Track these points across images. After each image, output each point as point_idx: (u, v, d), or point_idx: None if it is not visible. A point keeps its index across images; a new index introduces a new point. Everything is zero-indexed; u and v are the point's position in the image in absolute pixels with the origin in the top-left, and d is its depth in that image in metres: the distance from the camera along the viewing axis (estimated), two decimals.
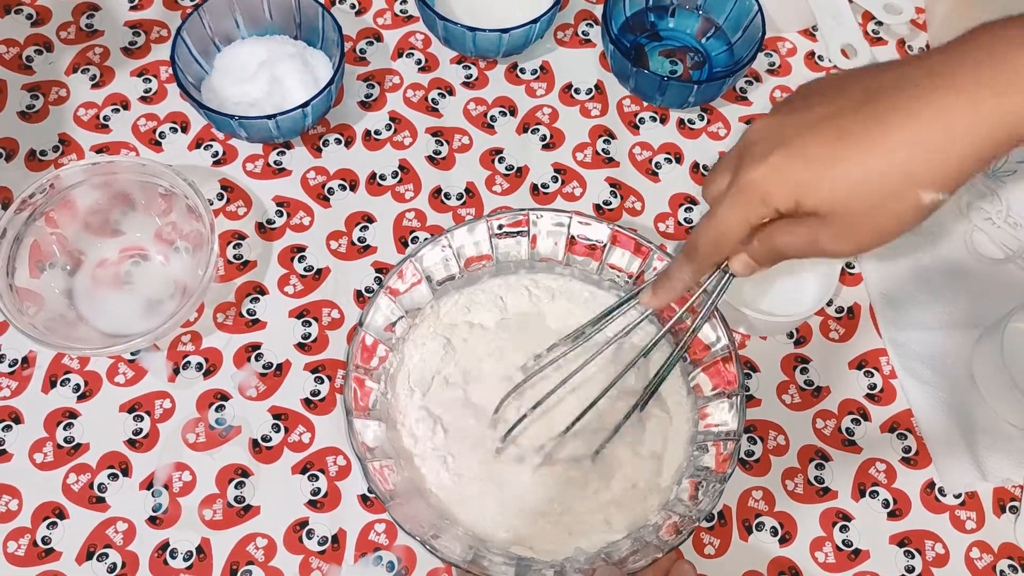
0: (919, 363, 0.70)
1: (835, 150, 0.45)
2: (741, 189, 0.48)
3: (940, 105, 0.43)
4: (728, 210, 0.49)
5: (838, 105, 0.46)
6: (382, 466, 0.59)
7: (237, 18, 0.78)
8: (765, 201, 0.47)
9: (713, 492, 0.58)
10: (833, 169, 0.45)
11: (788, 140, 0.46)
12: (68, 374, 0.68)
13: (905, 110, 0.44)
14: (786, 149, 0.46)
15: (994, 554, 0.65)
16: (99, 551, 0.63)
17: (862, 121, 0.45)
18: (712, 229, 0.50)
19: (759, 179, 0.47)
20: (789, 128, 0.47)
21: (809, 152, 0.46)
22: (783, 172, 0.46)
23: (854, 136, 0.45)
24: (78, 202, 0.70)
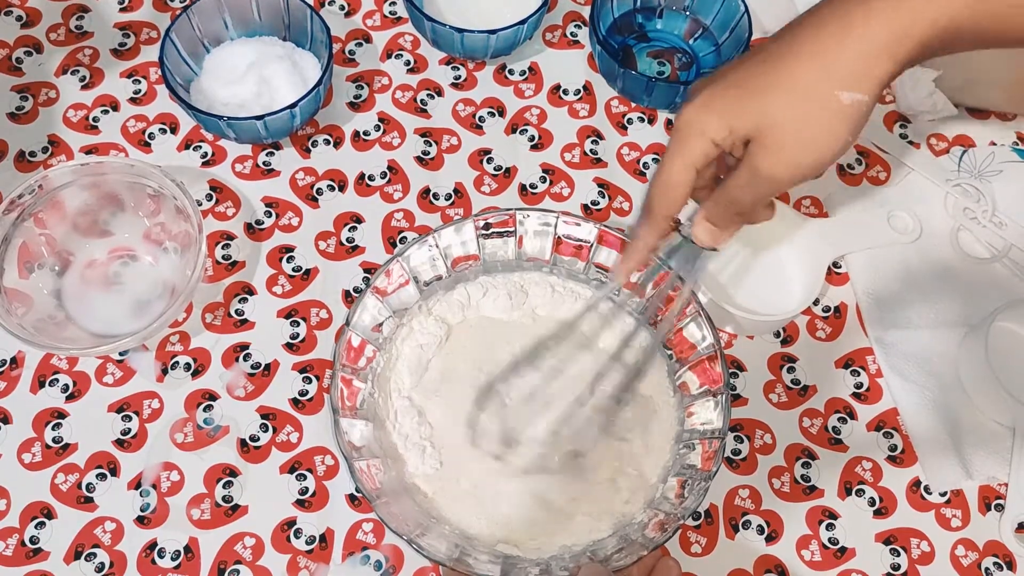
0: (905, 362, 0.70)
1: (756, 75, 0.50)
2: (677, 130, 0.51)
3: (841, 15, 0.48)
4: (669, 157, 0.52)
5: (759, 47, 0.51)
6: (369, 465, 0.59)
7: (226, 19, 0.79)
8: (701, 134, 0.50)
9: (698, 490, 0.58)
10: (757, 89, 0.49)
11: (714, 80, 0.51)
12: (56, 374, 0.68)
13: (812, 28, 0.49)
14: (713, 85, 0.51)
15: (979, 552, 0.65)
16: (87, 551, 0.63)
17: (777, 48, 0.50)
18: (659, 180, 0.53)
19: (690, 115, 0.51)
20: (717, 75, 0.52)
21: (733, 81, 0.50)
22: (711, 103, 0.50)
23: (772, 58, 0.49)
24: (67, 203, 0.70)
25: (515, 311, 0.68)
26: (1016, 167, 0.78)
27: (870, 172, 0.80)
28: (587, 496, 0.62)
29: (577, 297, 0.68)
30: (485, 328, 0.68)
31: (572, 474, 0.62)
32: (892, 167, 0.80)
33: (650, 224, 0.55)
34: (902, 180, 0.79)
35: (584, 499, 0.61)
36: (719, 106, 0.50)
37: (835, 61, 0.48)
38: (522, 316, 0.69)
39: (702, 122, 0.50)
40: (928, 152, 0.81)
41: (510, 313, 0.68)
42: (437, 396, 0.65)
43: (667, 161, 0.52)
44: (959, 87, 0.80)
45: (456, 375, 0.65)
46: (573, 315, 0.62)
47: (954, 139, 0.81)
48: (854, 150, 0.80)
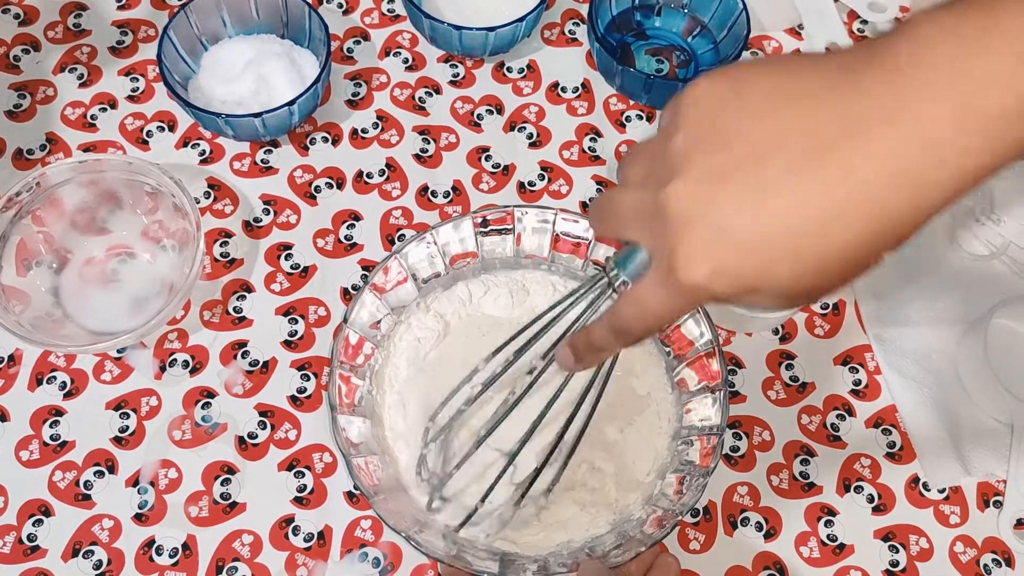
0: (904, 359, 0.70)
1: (790, 234, 0.35)
2: (683, 292, 0.38)
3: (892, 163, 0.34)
4: (667, 308, 0.40)
5: (784, 159, 0.35)
6: (367, 462, 0.59)
7: (224, 17, 0.79)
8: (712, 298, 0.38)
9: (697, 487, 0.58)
10: (788, 257, 0.36)
11: (728, 227, 0.36)
12: (54, 372, 0.68)
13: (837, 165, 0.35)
14: (730, 245, 0.36)
15: (978, 548, 0.65)
16: (85, 548, 0.63)
17: (796, 181, 0.35)
18: (647, 320, 0.42)
19: (704, 284, 0.37)
20: (726, 198, 0.36)
21: (754, 244, 0.36)
22: (731, 274, 0.37)
23: (807, 212, 0.35)
24: (65, 200, 0.70)
25: (516, 309, 0.68)
26: (1015, 164, 0.78)
27: None
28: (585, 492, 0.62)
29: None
30: (484, 326, 0.68)
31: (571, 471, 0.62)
32: None
33: (622, 344, 0.45)
34: None
35: (582, 495, 0.61)
36: (741, 280, 0.36)
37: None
38: (522, 314, 0.68)
39: (716, 293, 0.37)
40: None
41: (510, 311, 0.68)
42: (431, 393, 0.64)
43: (663, 311, 0.40)
44: None
45: (451, 372, 0.65)
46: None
47: None
48: None
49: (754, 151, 0.36)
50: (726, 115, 0.37)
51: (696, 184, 0.37)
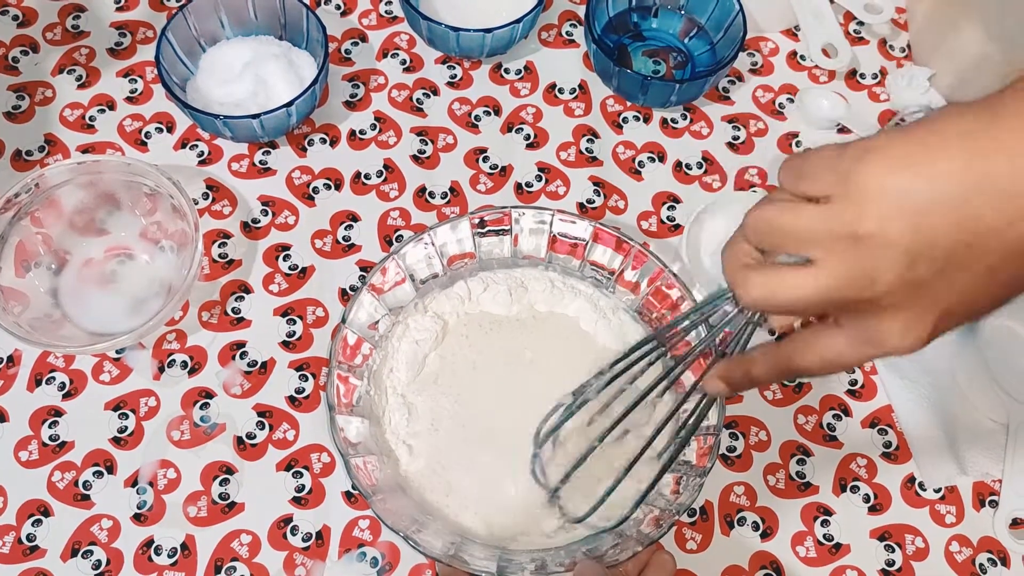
0: (900, 359, 0.70)
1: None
2: (889, 352, 0.41)
3: None
4: (858, 360, 0.43)
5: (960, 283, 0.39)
6: (365, 462, 0.59)
7: (222, 18, 0.79)
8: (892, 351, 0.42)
9: (693, 486, 0.58)
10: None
11: (930, 311, 0.39)
12: (53, 372, 0.68)
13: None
14: (943, 324, 0.40)
15: (973, 548, 0.65)
16: (84, 548, 0.63)
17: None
18: (832, 368, 0.44)
19: (907, 353, 0.41)
20: (927, 289, 0.39)
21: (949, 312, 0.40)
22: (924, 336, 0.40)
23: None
24: (63, 201, 0.70)
25: (514, 306, 0.69)
26: None
27: None
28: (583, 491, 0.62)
29: (577, 293, 0.68)
30: (483, 324, 0.68)
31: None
32: None
33: (778, 379, 0.48)
34: None
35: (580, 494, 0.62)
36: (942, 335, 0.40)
37: None
38: (521, 311, 0.69)
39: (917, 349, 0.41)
40: None
41: (509, 308, 0.68)
42: (432, 393, 0.65)
43: (849, 356, 0.43)
44: (953, 85, 0.80)
45: (453, 371, 0.66)
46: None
47: None
48: None
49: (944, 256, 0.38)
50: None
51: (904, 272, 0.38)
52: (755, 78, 0.84)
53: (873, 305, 0.39)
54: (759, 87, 0.84)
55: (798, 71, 0.85)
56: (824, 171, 0.40)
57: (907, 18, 0.87)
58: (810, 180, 0.41)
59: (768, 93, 0.83)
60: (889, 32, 0.87)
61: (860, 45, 0.87)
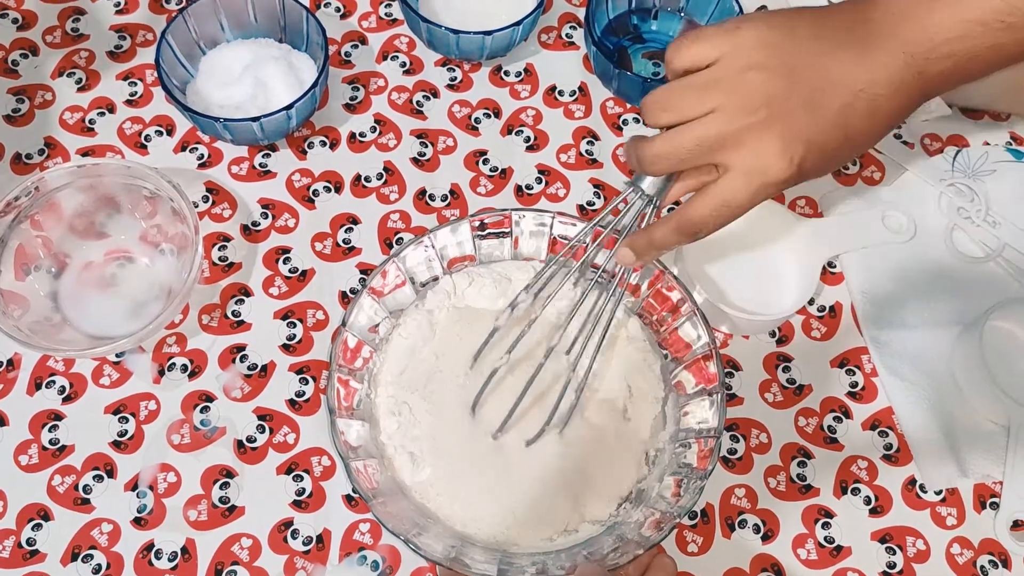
0: (900, 361, 0.71)
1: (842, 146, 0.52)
2: (768, 188, 0.52)
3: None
4: (750, 198, 0.52)
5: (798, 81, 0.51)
6: (365, 465, 0.59)
7: (222, 21, 0.79)
8: (797, 179, 0.52)
9: (694, 489, 0.58)
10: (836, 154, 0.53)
11: (801, 140, 0.51)
12: (53, 376, 0.68)
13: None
14: (809, 154, 0.51)
15: (974, 550, 0.65)
16: (84, 552, 0.63)
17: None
18: (728, 212, 0.53)
19: (788, 182, 0.52)
20: (802, 126, 0.51)
21: (832, 150, 0.52)
22: (805, 170, 0.52)
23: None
24: (63, 205, 0.70)
25: (500, 299, 0.68)
26: (1010, 167, 0.78)
27: (864, 172, 0.80)
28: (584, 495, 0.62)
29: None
30: (471, 320, 0.67)
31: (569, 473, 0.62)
32: (886, 167, 0.80)
33: (685, 240, 0.57)
34: (896, 180, 0.79)
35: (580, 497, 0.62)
36: (808, 173, 0.52)
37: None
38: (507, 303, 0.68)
39: (796, 176, 0.52)
40: (922, 152, 0.81)
41: (495, 301, 0.68)
42: (424, 393, 0.64)
43: (744, 198, 0.52)
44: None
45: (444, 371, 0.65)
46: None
47: (948, 139, 0.82)
48: None
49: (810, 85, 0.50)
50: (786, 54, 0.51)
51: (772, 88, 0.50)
52: None
53: (758, 131, 0.50)
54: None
55: None
56: (713, 36, 0.51)
57: None
58: (703, 44, 0.51)
59: None
60: None
61: None
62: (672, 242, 0.56)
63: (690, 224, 0.54)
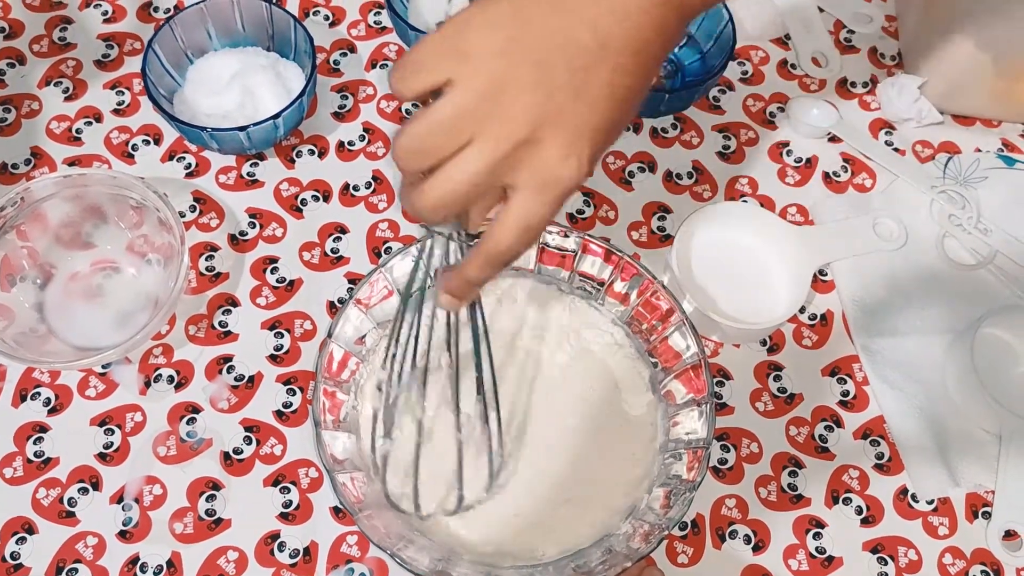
0: (892, 369, 0.70)
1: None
2: (565, 195, 0.45)
3: None
4: (548, 213, 0.45)
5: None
6: (352, 478, 0.59)
7: (209, 30, 0.78)
8: (580, 182, 0.46)
9: (684, 500, 0.58)
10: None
11: (581, 133, 0.44)
12: (38, 388, 0.68)
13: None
14: (594, 143, 0.44)
15: (967, 560, 0.65)
16: (68, 566, 0.62)
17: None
18: (531, 233, 0.46)
19: (584, 179, 0.45)
20: (576, 120, 0.44)
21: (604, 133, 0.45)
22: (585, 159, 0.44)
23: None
24: (49, 215, 0.70)
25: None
26: (1001, 173, 0.78)
27: (855, 179, 0.80)
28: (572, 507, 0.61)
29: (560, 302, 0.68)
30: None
31: (557, 486, 0.62)
32: (877, 174, 0.80)
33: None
34: (887, 187, 0.79)
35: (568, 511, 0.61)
36: (599, 158, 0.46)
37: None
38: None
39: (581, 178, 0.45)
40: (913, 159, 0.81)
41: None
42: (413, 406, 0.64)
43: (537, 211, 0.45)
44: (944, 94, 0.80)
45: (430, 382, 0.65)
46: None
47: (939, 146, 0.81)
48: (840, 157, 0.80)
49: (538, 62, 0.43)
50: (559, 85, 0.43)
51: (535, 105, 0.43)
52: (745, 87, 0.84)
53: (532, 146, 0.43)
54: (749, 96, 0.83)
55: (788, 80, 0.84)
56: (436, 57, 0.43)
57: (897, 26, 0.87)
58: (427, 70, 0.43)
59: (758, 102, 0.83)
60: (879, 41, 0.87)
61: (850, 54, 0.86)
62: (488, 275, 0.49)
63: (499, 255, 0.47)
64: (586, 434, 0.64)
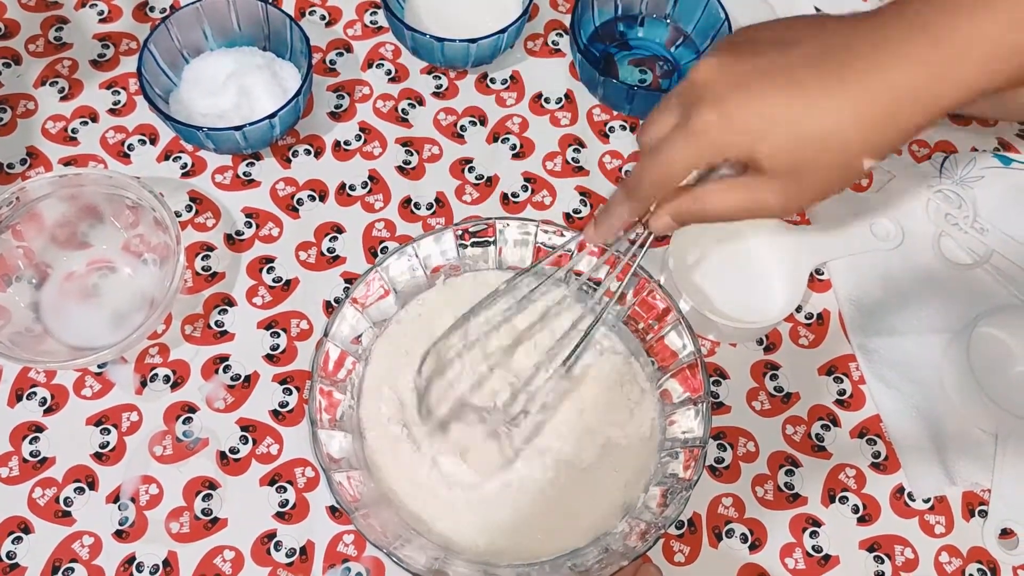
0: (888, 369, 0.70)
1: (791, 101, 0.46)
2: (694, 132, 0.48)
3: (884, 73, 0.45)
4: (679, 151, 0.49)
5: (793, 55, 0.47)
6: (348, 477, 0.59)
7: (205, 30, 0.78)
8: (717, 146, 0.48)
9: (680, 499, 0.58)
10: (788, 122, 0.46)
11: (743, 85, 0.47)
12: (34, 388, 0.68)
13: (854, 71, 0.45)
14: (742, 94, 0.47)
15: (963, 558, 0.65)
16: (65, 566, 0.62)
17: (817, 77, 0.46)
18: (659, 168, 0.50)
19: (715, 123, 0.47)
20: (742, 73, 0.47)
21: (767, 100, 0.46)
22: (739, 119, 0.47)
23: (809, 91, 0.46)
24: (45, 215, 0.70)
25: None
26: (998, 173, 0.78)
27: None
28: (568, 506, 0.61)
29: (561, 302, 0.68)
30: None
31: (553, 484, 0.62)
32: (873, 174, 0.80)
33: (634, 204, 0.54)
34: (884, 187, 0.78)
35: (565, 509, 0.61)
36: (747, 127, 0.47)
37: (872, 128, 0.46)
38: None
39: (724, 138, 0.47)
40: (910, 158, 0.81)
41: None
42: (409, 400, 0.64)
43: (675, 153, 0.49)
44: None
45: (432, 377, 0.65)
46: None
47: (936, 145, 0.81)
48: None
49: (777, 61, 0.47)
50: (742, 57, 0.48)
51: (715, 64, 0.48)
52: None
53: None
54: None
55: None
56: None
57: None
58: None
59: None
60: None
61: None
62: (628, 201, 0.54)
63: (634, 180, 0.53)
64: (582, 432, 0.64)
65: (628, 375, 0.66)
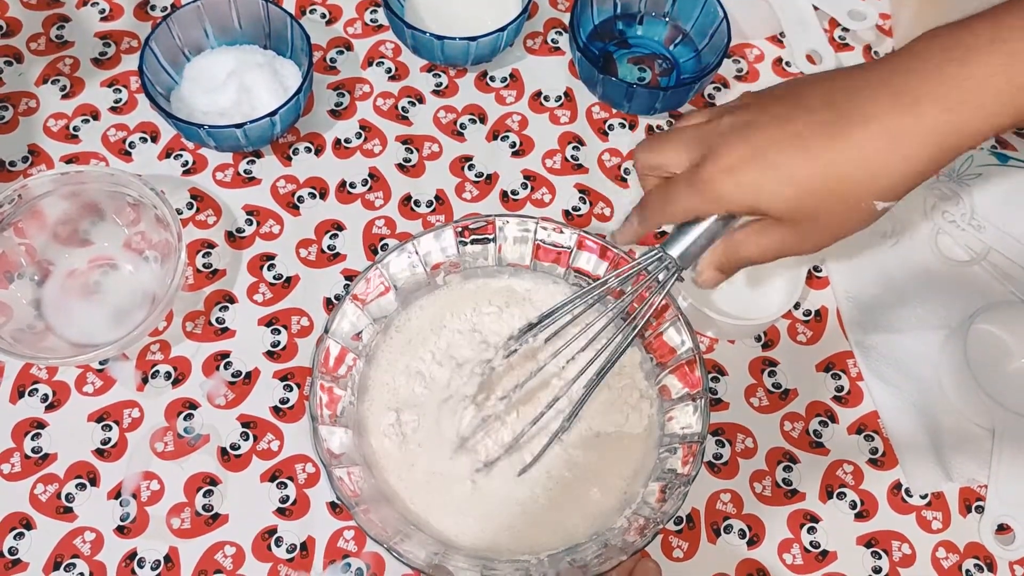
0: (885, 365, 0.71)
1: (792, 159, 0.47)
2: (699, 188, 0.50)
3: (887, 118, 0.46)
4: (684, 199, 0.52)
5: (797, 110, 0.49)
6: (348, 473, 0.59)
7: (206, 28, 0.79)
8: (719, 202, 0.50)
9: (678, 495, 0.58)
10: (791, 178, 0.48)
11: (752, 149, 0.49)
12: (36, 384, 0.68)
13: (857, 120, 0.46)
14: (748, 151, 0.49)
15: (960, 553, 0.65)
16: (66, 561, 0.62)
17: (818, 128, 0.47)
18: (663, 210, 0.54)
19: (719, 183, 0.49)
20: (753, 132, 0.49)
21: (768, 159, 0.48)
22: (743, 179, 0.49)
23: (809, 144, 0.47)
24: (47, 212, 0.70)
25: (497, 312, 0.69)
26: (994, 170, 0.78)
27: None
28: (568, 502, 0.62)
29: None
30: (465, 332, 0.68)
31: (555, 480, 0.62)
32: None
33: (645, 227, 0.57)
34: None
35: (565, 505, 0.61)
36: (751, 183, 0.49)
37: (876, 173, 0.47)
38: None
39: (729, 197, 0.49)
40: None
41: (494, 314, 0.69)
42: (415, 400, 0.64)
43: (680, 201, 0.52)
44: None
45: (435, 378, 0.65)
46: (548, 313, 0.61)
47: None
48: None
49: (781, 117, 0.49)
50: (760, 114, 0.50)
51: (736, 121, 0.51)
52: (740, 84, 0.84)
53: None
54: (745, 94, 0.83)
55: (783, 77, 0.85)
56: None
57: (891, 24, 0.87)
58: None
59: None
60: (874, 38, 0.87)
61: (845, 51, 0.87)
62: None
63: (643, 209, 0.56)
64: (582, 428, 0.64)
65: (627, 371, 0.66)
